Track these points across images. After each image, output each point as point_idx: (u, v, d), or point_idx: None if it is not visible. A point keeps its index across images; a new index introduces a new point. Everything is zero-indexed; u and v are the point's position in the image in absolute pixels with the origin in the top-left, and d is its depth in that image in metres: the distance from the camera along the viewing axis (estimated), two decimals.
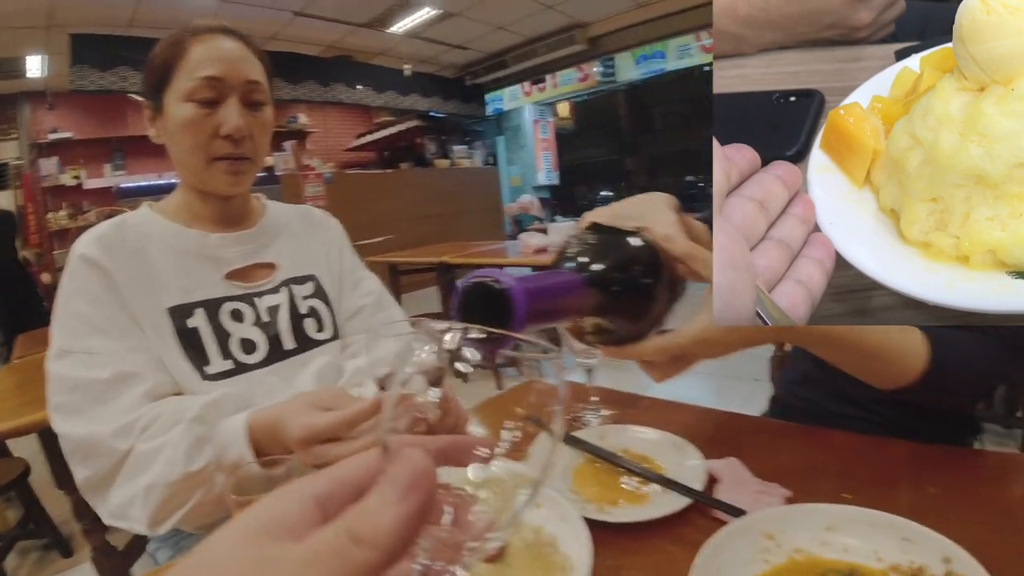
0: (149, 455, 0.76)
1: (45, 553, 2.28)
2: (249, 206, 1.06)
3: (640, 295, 0.54)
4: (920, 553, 0.52)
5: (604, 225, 0.58)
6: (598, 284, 0.50)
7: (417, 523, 0.23)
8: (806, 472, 0.75)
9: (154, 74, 0.91)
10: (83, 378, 0.80)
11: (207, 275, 0.94)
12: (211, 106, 0.89)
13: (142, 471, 0.76)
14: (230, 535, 0.24)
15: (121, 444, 0.77)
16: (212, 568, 0.23)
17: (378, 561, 0.22)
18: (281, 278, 1.01)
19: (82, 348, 0.81)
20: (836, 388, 1.04)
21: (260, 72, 0.94)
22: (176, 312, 0.89)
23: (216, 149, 0.90)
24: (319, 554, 0.22)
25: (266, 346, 0.95)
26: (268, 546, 0.23)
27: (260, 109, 0.94)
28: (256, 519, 0.24)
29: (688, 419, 0.95)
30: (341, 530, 0.23)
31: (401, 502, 0.23)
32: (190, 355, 0.88)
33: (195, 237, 0.95)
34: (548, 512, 0.65)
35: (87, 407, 0.79)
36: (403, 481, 0.23)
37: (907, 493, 0.68)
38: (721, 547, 0.53)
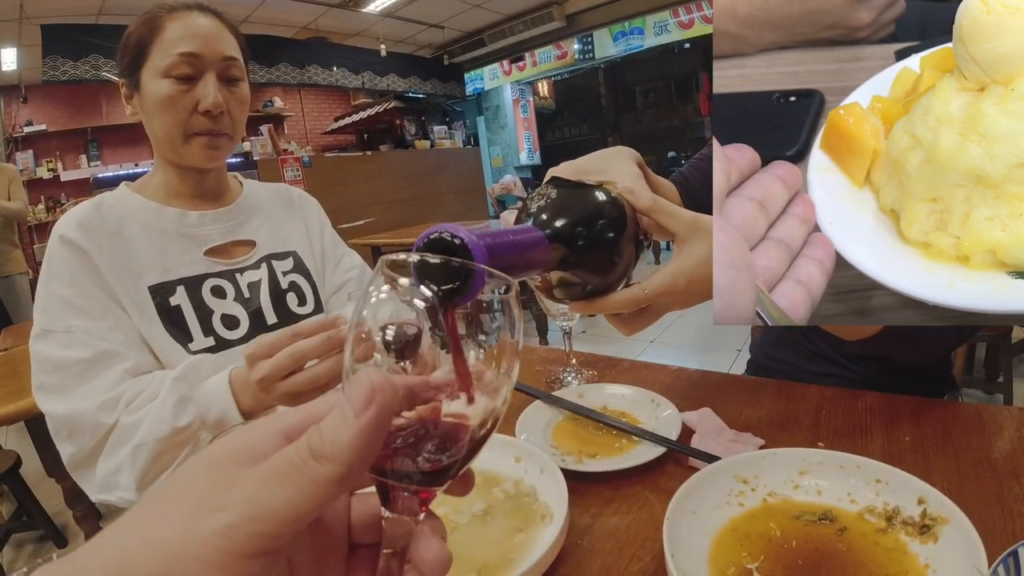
0: (135, 424, 0.77)
1: (40, 544, 2.28)
2: (226, 184, 1.06)
3: (604, 249, 0.53)
4: (894, 495, 0.53)
5: (567, 179, 0.57)
6: (561, 238, 0.49)
7: (376, 436, 0.23)
8: (779, 423, 0.77)
9: (130, 52, 0.90)
10: (65, 357, 0.80)
11: (187, 253, 0.94)
12: (188, 82, 0.88)
13: (130, 439, 0.77)
14: (196, 461, 0.24)
15: (106, 418, 0.78)
16: (176, 491, 0.23)
17: (338, 474, 0.23)
18: (260, 254, 1.02)
19: (63, 328, 0.81)
20: (809, 346, 1.07)
21: (236, 48, 0.94)
22: (157, 290, 0.89)
23: (195, 125, 0.90)
24: (279, 470, 0.23)
25: (247, 321, 0.95)
26: (232, 470, 0.23)
27: (237, 85, 0.94)
28: (221, 449, 0.24)
29: (664, 378, 0.97)
30: (302, 447, 0.23)
31: (359, 416, 0.23)
32: (172, 333, 0.89)
33: (174, 215, 0.95)
34: (527, 465, 0.67)
35: (70, 386, 0.80)
36: (360, 397, 0.23)
37: (881, 441, 0.69)
38: (696, 490, 0.54)
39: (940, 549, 0.47)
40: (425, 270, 0.27)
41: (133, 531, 0.23)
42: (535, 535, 0.57)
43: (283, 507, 0.22)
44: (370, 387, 0.23)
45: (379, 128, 7.78)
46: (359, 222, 5.87)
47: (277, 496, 0.22)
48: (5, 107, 6.15)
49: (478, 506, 0.62)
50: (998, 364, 2.43)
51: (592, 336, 4.02)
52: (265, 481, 0.22)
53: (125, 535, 0.23)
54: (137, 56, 0.89)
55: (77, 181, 6.26)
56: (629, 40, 7.25)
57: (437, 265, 0.27)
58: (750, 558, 0.50)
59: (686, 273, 0.57)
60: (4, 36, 5.30)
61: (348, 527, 0.30)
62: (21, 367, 1.85)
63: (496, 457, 0.69)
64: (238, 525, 0.22)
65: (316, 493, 0.22)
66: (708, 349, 3.65)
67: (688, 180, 0.95)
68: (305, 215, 1.14)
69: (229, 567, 0.21)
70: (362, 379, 0.23)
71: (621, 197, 0.56)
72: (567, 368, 1.04)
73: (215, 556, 0.21)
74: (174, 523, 0.22)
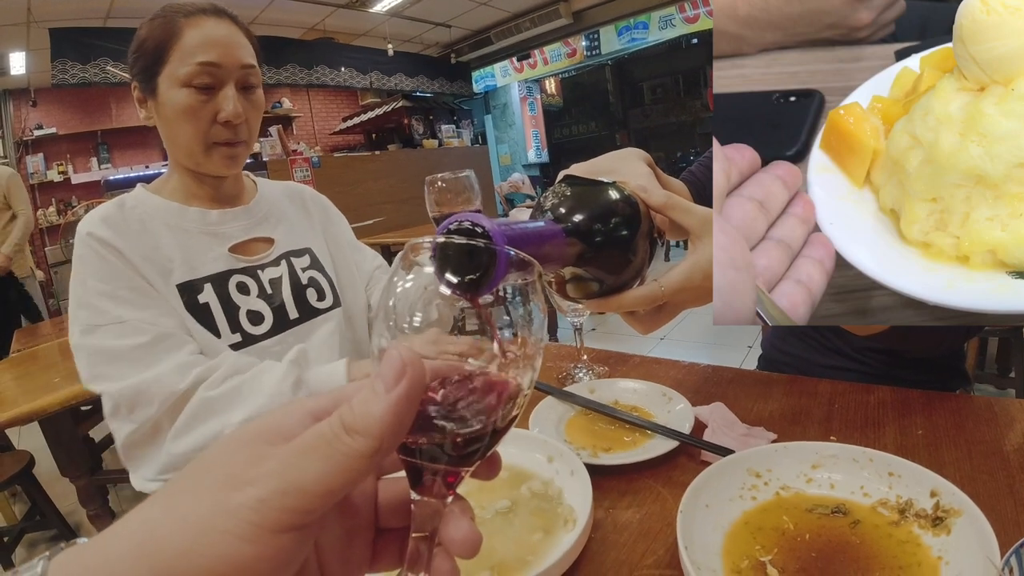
0: (221, 402, 0.77)
1: (53, 544, 2.28)
2: (242, 185, 1.07)
3: (618, 246, 0.53)
4: (907, 488, 0.53)
5: (581, 177, 0.57)
6: (576, 234, 0.49)
7: (407, 410, 0.23)
8: (792, 417, 0.76)
9: (147, 56, 0.89)
10: (122, 346, 0.80)
11: (211, 250, 0.95)
12: (208, 92, 0.89)
13: (217, 415, 0.77)
14: (226, 441, 0.24)
15: (178, 383, 0.78)
16: (206, 468, 0.23)
17: (370, 448, 0.23)
18: (279, 251, 1.03)
19: (113, 319, 0.81)
20: (820, 340, 1.07)
21: (252, 55, 0.94)
22: (185, 288, 0.90)
23: (215, 135, 0.91)
24: (311, 445, 0.23)
25: (271, 317, 0.97)
26: (262, 447, 0.23)
27: (254, 92, 0.95)
28: (251, 429, 0.24)
29: (676, 373, 0.97)
30: (334, 422, 0.23)
31: (390, 391, 0.23)
32: (205, 328, 0.90)
33: (196, 214, 0.96)
34: (559, 466, 0.66)
35: (135, 370, 0.79)
36: (391, 372, 0.23)
37: (894, 434, 0.69)
38: (709, 484, 0.55)
39: (953, 541, 0.47)
40: (452, 253, 0.28)
41: (161, 507, 0.23)
42: (556, 539, 0.56)
43: (314, 482, 0.22)
44: (401, 363, 0.23)
45: (387, 128, 7.80)
46: (369, 221, 5.89)
47: (308, 471, 0.22)
48: (15, 111, 6.20)
49: (503, 503, 0.62)
50: (1010, 359, 2.40)
51: (603, 333, 4.01)
52: (296, 456, 0.23)
53: (153, 512, 0.23)
54: (154, 62, 0.89)
55: (88, 184, 6.31)
56: (634, 34, 7.21)
57: (464, 247, 0.28)
58: (763, 551, 0.50)
59: (702, 268, 0.56)
60: (13, 40, 5.33)
61: (375, 511, 0.30)
62: (34, 368, 1.87)
63: (528, 455, 0.69)
64: (269, 499, 0.22)
65: (348, 467, 0.23)
66: (719, 345, 3.63)
67: (699, 179, 0.95)
68: (318, 213, 1.16)
69: (260, 541, 0.21)
70: (393, 355, 0.23)
71: (634, 195, 0.55)
72: (578, 364, 1.04)
73: (246, 530, 0.21)
74: (204, 498, 0.22)
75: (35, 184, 6.15)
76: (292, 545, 0.22)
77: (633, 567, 0.54)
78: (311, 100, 7.93)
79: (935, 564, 0.46)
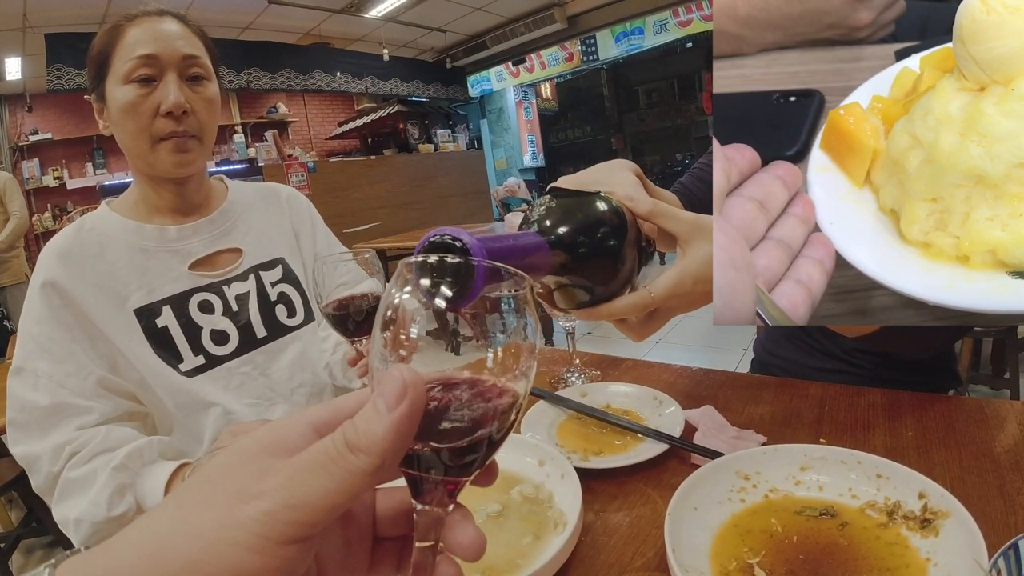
0: (75, 484, 0.78)
1: (50, 550, 2.28)
2: (207, 192, 1.02)
3: (605, 254, 0.53)
4: (895, 490, 0.53)
5: (566, 189, 0.57)
6: (561, 244, 0.50)
7: (409, 429, 0.24)
8: (782, 420, 0.77)
9: (94, 64, 0.88)
10: (29, 400, 0.81)
11: (171, 269, 0.92)
12: (149, 84, 0.86)
13: (70, 497, 0.78)
14: (229, 454, 0.25)
15: (52, 467, 0.79)
16: (212, 480, 0.24)
17: (372, 466, 0.24)
18: (248, 264, 1.00)
19: (31, 368, 0.82)
20: (811, 342, 1.07)
21: (199, 47, 0.91)
22: (143, 313, 0.88)
23: (159, 129, 0.87)
24: (316, 461, 0.24)
25: (237, 336, 0.94)
26: (267, 460, 0.24)
27: (201, 84, 0.91)
28: (256, 442, 0.25)
29: (668, 377, 0.97)
30: (338, 440, 0.24)
31: (391, 411, 0.24)
32: (162, 355, 0.88)
33: (153, 232, 0.93)
34: (550, 469, 0.67)
35: (30, 429, 0.82)
36: (392, 392, 0.24)
37: (884, 437, 0.69)
38: (698, 487, 0.55)
39: (941, 543, 0.47)
40: (430, 268, 0.28)
41: (169, 518, 0.24)
42: (546, 542, 0.57)
43: (319, 496, 0.23)
44: (402, 383, 0.24)
45: (383, 132, 7.81)
46: (364, 226, 5.89)
47: (314, 486, 0.23)
48: (10, 116, 6.17)
49: (493, 507, 0.62)
50: (1004, 360, 2.41)
51: (596, 337, 4.02)
52: (302, 471, 0.23)
53: (161, 523, 0.23)
54: (100, 67, 0.88)
55: (83, 189, 6.27)
56: (630, 40, 7.24)
57: (441, 263, 0.28)
58: (751, 553, 0.50)
59: (692, 273, 0.57)
60: (8, 45, 5.31)
61: (374, 520, 0.31)
62: None
63: (520, 459, 0.69)
64: (276, 512, 0.22)
65: (351, 483, 0.23)
66: (714, 349, 3.64)
67: (689, 189, 0.95)
68: (294, 215, 1.12)
69: (267, 552, 0.22)
70: (394, 375, 0.24)
71: (621, 204, 0.56)
72: (571, 368, 1.04)
73: (253, 541, 0.22)
74: (212, 510, 0.23)
75: (31, 190, 6.10)
76: (296, 556, 0.23)
77: (622, 570, 0.54)
78: (307, 105, 7.92)
79: (923, 566, 0.46)
